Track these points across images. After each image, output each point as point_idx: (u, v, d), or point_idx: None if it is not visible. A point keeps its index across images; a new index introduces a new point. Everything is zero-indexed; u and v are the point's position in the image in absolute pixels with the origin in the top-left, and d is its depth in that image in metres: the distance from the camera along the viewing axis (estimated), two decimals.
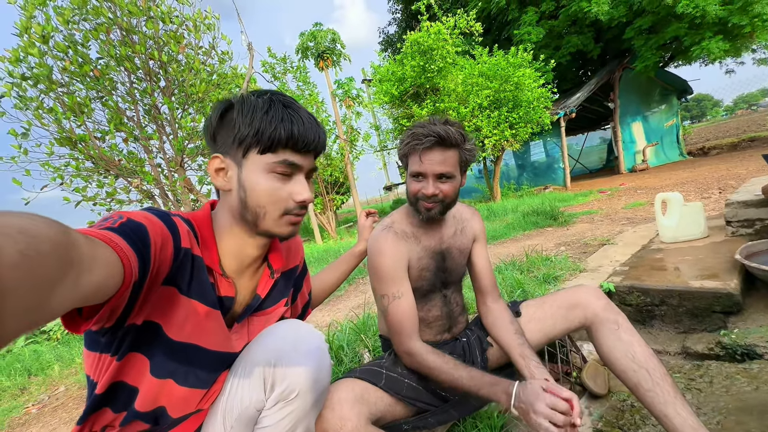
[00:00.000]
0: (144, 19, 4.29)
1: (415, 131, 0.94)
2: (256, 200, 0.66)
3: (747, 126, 16.83)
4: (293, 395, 0.66)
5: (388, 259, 0.96)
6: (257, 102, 0.66)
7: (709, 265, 1.69)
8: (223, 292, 0.69)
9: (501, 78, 7.28)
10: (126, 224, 0.52)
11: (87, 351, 0.64)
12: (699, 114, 70.21)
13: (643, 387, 0.83)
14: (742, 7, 6.87)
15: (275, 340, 0.68)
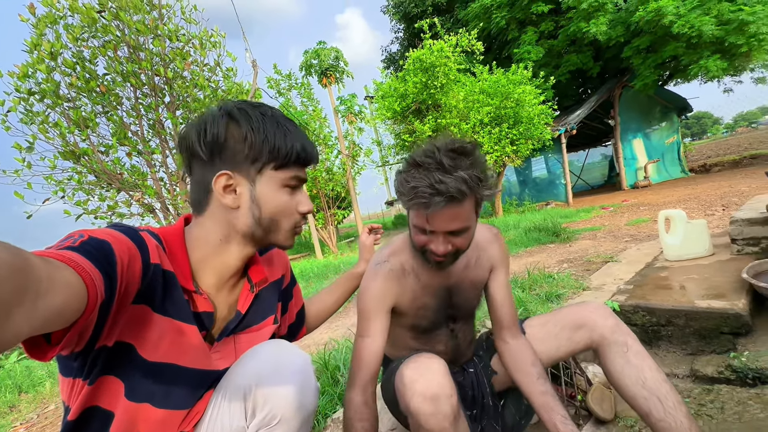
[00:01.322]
0: (151, 37, 4.40)
1: (418, 187, 0.74)
2: (270, 215, 0.67)
3: (748, 143, 16.89)
4: (275, 421, 0.63)
5: (368, 298, 0.90)
6: (263, 118, 0.66)
7: (715, 284, 1.65)
8: (200, 308, 0.67)
9: (501, 95, 7.37)
10: (87, 242, 0.49)
11: (61, 377, 0.62)
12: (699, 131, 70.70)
13: (654, 416, 0.78)
14: (738, 27, 6.99)
15: (256, 362, 0.66)
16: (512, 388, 1.05)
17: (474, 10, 10.51)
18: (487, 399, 1.01)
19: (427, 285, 0.93)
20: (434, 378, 0.75)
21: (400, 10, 13.80)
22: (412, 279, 0.92)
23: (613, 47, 9.00)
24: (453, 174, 0.74)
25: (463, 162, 0.75)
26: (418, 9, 13.13)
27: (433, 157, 0.76)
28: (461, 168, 0.74)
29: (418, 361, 0.78)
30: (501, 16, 9.93)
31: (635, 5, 7.92)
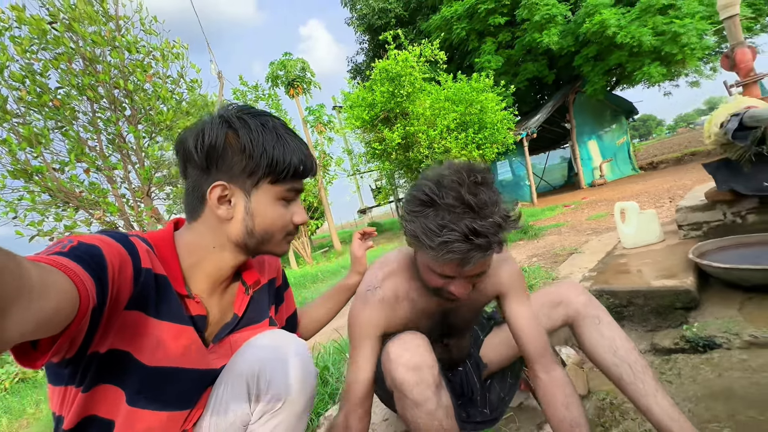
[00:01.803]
0: (109, 48, 4.24)
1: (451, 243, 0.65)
2: (264, 227, 0.67)
3: (688, 142, 18.45)
4: (279, 404, 0.64)
5: (357, 326, 0.87)
6: (263, 130, 0.65)
7: (667, 266, 1.81)
8: (193, 312, 0.67)
9: (466, 102, 7.67)
10: (77, 248, 0.49)
11: (51, 387, 0.61)
12: (646, 132, 76.35)
13: (625, 380, 0.85)
14: (671, 38, 7.71)
15: (257, 350, 0.67)
16: (501, 370, 1.11)
17: (435, 22, 10.91)
18: (476, 394, 1.05)
19: (422, 309, 0.89)
20: (417, 351, 0.80)
21: (364, 22, 14.05)
22: (406, 305, 0.88)
23: (565, 56, 9.63)
24: (487, 219, 0.65)
25: (487, 194, 0.67)
26: (382, 21, 13.44)
27: (458, 197, 0.66)
28: (490, 204, 0.67)
29: (402, 338, 0.83)
30: (461, 27, 10.37)
31: (582, 18, 8.55)
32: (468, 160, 0.76)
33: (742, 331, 1.33)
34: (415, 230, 0.70)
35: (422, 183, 0.72)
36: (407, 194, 0.76)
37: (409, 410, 0.80)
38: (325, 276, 4.77)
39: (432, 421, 0.79)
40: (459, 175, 0.69)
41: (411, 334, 0.84)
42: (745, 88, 2.03)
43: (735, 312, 1.46)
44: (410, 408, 0.79)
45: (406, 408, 0.80)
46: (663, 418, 0.79)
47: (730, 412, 1.01)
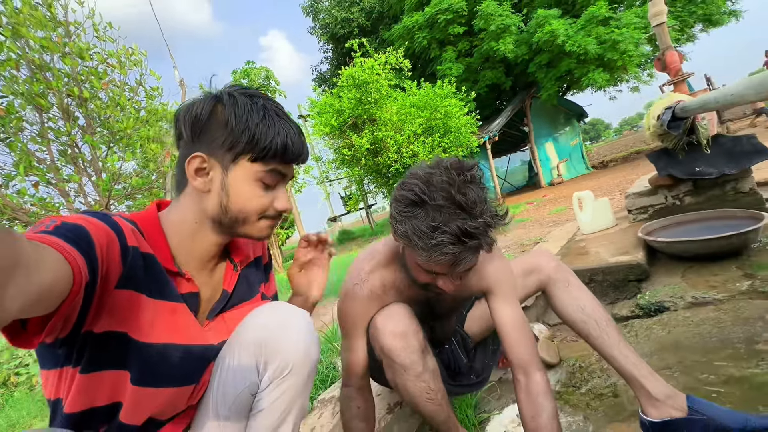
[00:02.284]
0: (59, 55, 4.01)
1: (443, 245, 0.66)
2: (239, 206, 0.65)
3: (632, 143, 20.00)
4: (287, 370, 0.65)
5: (348, 319, 0.92)
6: (251, 106, 0.63)
7: (620, 246, 2.00)
8: (183, 290, 0.67)
9: (431, 107, 7.93)
10: (61, 227, 0.48)
11: (45, 372, 0.60)
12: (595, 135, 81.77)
13: (592, 335, 0.94)
14: (612, 46, 8.42)
15: (261, 320, 0.67)
16: (484, 340, 1.18)
17: (397, 31, 11.21)
18: (463, 368, 1.11)
19: (408, 297, 0.91)
20: (401, 319, 0.86)
21: (327, 31, 14.15)
22: (392, 295, 0.90)
23: (521, 63, 10.21)
24: (478, 219, 0.66)
25: (476, 192, 0.68)
26: (345, 30, 13.61)
27: (448, 196, 0.66)
28: (479, 203, 0.67)
29: (388, 309, 0.88)
30: (422, 36, 10.72)
31: (534, 28, 9.13)
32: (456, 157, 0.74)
33: (685, 295, 1.50)
34: (406, 231, 0.69)
35: (411, 182, 0.70)
36: (396, 193, 0.73)
37: (398, 375, 0.86)
38: None
39: (419, 383, 0.86)
40: (449, 174, 0.68)
41: (395, 305, 0.89)
42: (675, 86, 2.30)
43: (679, 279, 1.65)
44: (399, 373, 0.85)
45: (396, 373, 0.86)
46: (625, 363, 0.89)
47: (679, 359, 1.15)
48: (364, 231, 13.41)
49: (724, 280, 1.52)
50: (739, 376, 1.00)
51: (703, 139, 1.99)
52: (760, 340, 1.11)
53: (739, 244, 1.63)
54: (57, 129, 4.24)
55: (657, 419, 0.83)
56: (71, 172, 4.34)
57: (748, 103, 1.12)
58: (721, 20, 10.07)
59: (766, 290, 1.35)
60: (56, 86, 3.85)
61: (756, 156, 1.93)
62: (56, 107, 4.10)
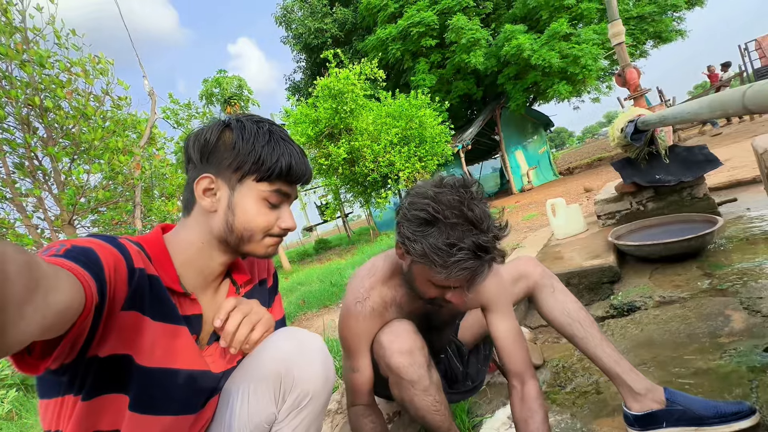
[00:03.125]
0: (17, 63, 3.79)
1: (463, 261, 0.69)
2: (244, 224, 0.67)
3: (594, 150, 21.17)
4: (306, 400, 0.66)
5: (351, 338, 0.92)
6: (258, 130, 0.67)
7: (593, 250, 2.13)
8: (187, 311, 0.67)
9: (406, 117, 8.08)
10: (72, 250, 0.50)
11: (44, 401, 0.58)
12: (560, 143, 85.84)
13: (577, 336, 1.00)
14: (573, 60, 8.96)
15: (279, 351, 0.68)
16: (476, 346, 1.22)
17: (371, 42, 11.39)
18: (459, 376, 1.14)
19: (408, 312, 0.94)
20: (408, 336, 0.88)
21: (300, 41, 14.14)
22: (393, 311, 0.92)
23: (490, 75, 10.63)
24: (489, 233, 0.70)
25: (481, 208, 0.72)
26: (318, 41, 13.65)
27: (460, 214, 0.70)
28: (485, 217, 0.71)
29: (391, 326, 0.90)
30: (396, 48, 10.95)
31: (502, 42, 9.56)
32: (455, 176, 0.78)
33: (653, 294, 1.62)
34: (423, 250, 0.71)
35: (421, 202, 0.73)
36: (407, 213, 0.75)
37: (406, 391, 0.88)
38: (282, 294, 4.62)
39: (427, 397, 0.88)
40: (457, 192, 0.72)
41: (398, 321, 0.91)
42: (635, 101, 2.48)
43: (647, 280, 1.77)
44: (406, 388, 0.87)
45: (403, 389, 0.88)
46: (608, 361, 0.96)
47: (653, 355, 1.24)
48: (341, 240, 13.33)
49: (687, 279, 1.65)
50: (706, 368, 1.09)
51: (662, 150, 2.16)
52: (721, 334, 1.21)
53: (698, 246, 1.78)
54: (13, 141, 3.99)
55: (639, 412, 0.90)
56: (30, 186, 4.09)
57: (701, 120, 1.25)
58: (670, 37, 10.94)
59: (723, 287, 1.48)
60: (14, 95, 3.63)
61: (708, 165, 2.12)
62: (13, 117, 3.87)
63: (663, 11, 10.30)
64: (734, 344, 1.14)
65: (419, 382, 0.87)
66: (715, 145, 5.84)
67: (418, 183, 0.81)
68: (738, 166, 3.62)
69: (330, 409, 1.18)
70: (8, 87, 3.68)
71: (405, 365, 0.86)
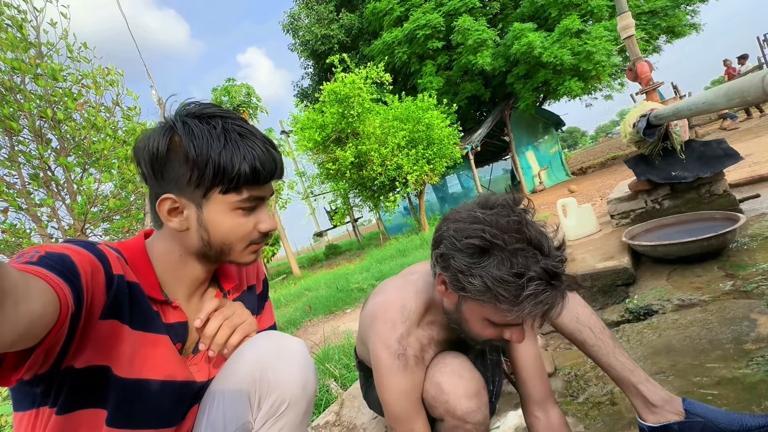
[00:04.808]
0: (31, 77, 3.90)
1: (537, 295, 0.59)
2: (222, 239, 0.63)
3: (609, 149, 20.72)
4: (284, 407, 0.62)
5: (400, 398, 0.77)
6: (210, 132, 0.58)
7: (606, 251, 2.04)
8: (171, 319, 0.64)
9: (413, 120, 8.04)
10: (46, 257, 0.47)
11: (19, 414, 0.56)
12: (573, 143, 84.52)
13: (588, 343, 0.93)
14: (586, 57, 8.78)
15: (255, 353, 0.64)
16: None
17: (377, 47, 11.41)
18: None
19: (444, 342, 0.86)
20: (471, 375, 0.79)
21: (307, 48, 14.29)
22: (432, 351, 0.84)
23: (498, 75, 10.51)
24: (555, 257, 0.61)
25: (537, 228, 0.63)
26: (325, 47, 13.76)
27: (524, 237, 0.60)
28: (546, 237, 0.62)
29: (446, 364, 0.79)
30: (402, 51, 10.94)
31: (510, 41, 9.45)
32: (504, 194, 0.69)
33: (671, 297, 1.53)
34: (485, 284, 0.60)
35: (470, 228, 0.63)
36: (451, 243, 0.65)
37: None
38: (288, 300, 4.62)
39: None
40: (514, 213, 0.63)
41: (450, 357, 0.81)
42: (647, 95, 2.39)
43: (664, 282, 1.68)
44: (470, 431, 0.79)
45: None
46: (622, 370, 0.88)
47: (672, 362, 1.16)
48: (351, 245, 13.32)
49: (708, 281, 1.56)
50: (730, 377, 1.01)
51: (677, 145, 2.06)
52: (747, 339, 1.13)
53: (718, 245, 1.67)
54: (28, 152, 4.10)
55: (656, 424, 0.83)
56: (44, 197, 4.19)
57: (718, 110, 1.17)
58: (684, 32, 10.66)
59: (748, 289, 1.39)
60: (28, 108, 3.73)
61: (727, 159, 2.01)
62: (27, 130, 3.97)
63: (676, 5, 10.04)
64: (762, 351, 1.05)
65: (483, 423, 0.80)
66: (734, 140, 5.63)
67: (458, 207, 0.69)
68: (761, 161, 3.46)
69: (328, 421, 1.14)
70: (22, 100, 3.78)
71: (473, 409, 0.77)
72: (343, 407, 1.18)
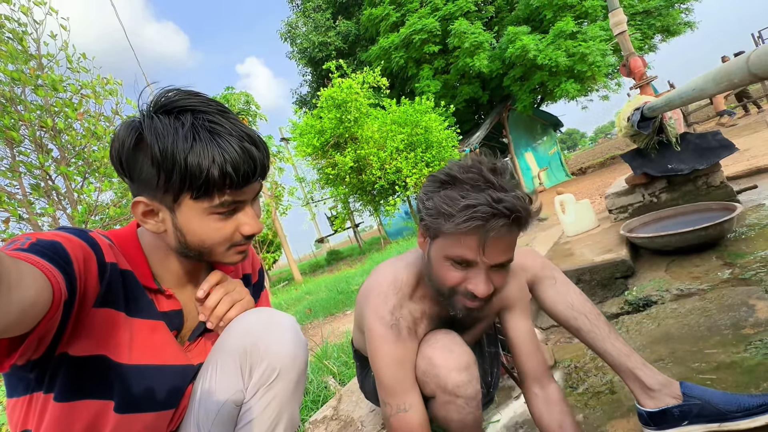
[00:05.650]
0: (31, 87, 3.95)
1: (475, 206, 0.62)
2: (199, 243, 0.60)
3: (608, 150, 20.75)
4: (274, 375, 0.62)
5: (392, 367, 0.77)
6: (176, 131, 0.53)
7: (604, 245, 2.03)
8: (165, 307, 0.64)
9: (411, 123, 8.08)
10: (37, 244, 0.47)
11: (12, 400, 0.56)
12: (572, 144, 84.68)
13: (583, 330, 0.92)
14: (580, 58, 8.84)
15: (246, 326, 0.64)
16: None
17: (374, 52, 11.50)
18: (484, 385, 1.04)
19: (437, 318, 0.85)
20: (462, 349, 0.78)
21: (305, 55, 14.42)
22: (424, 326, 0.83)
23: (496, 78, 10.57)
24: (510, 193, 0.64)
25: (509, 181, 0.66)
26: (322, 54, 13.89)
27: (479, 173, 0.66)
28: (511, 186, 0.66)
29: (437, 340, 0.79)
30: (399, 56, 11.03)
31: (506, 44, 9.52)
32: None
33: (670, 288, 1.52)
34: (434, 205, 0.67)
35: (443, 169, 0.71)
36: (423, 184, 0.73)
37: (458, 409, 0.78)
38: (289, 304, 4.61)
39: (477, 411, 0.81)
40: (480, 159, 0.69)
41: (441, 333, 0.82)
42: (641, 89, 2.40)
43: (663, 273, 1.67)
44: (461, 407, 0.78)
45: (458, 408, 0.78)
46: (618, 355, 0.88)
47: (671, 350, 1.15)
48: (352, 250, 13.31)
49: (706, 270, 1.55)
50: (729, 361, 1.00)
51: (672, 137, 2.07)
52: (746, 325, 1.12)
53: (716, 235, 1.67)
54: (29, 162, 4.13)
55: (654, 409, 0.82)
56: (45, 206, 4.21)
57: (709, 96, 1.17)
58: (679, 30, 10.72)
59: (746, 277, 1.38)
60: (28, 118, 3.77)
61: (722, 151, 2.01)
62: (28, 140, 4.01)
63: (670, 4, 10.11)
64: (760, 335, 1.05)
65: (475, 398, 0.79)
66: (732, 135, 5.63)
67: None
68: (758, 155, 3.46)
69: (325, 416, 1.13)
70: (23, 111, 3.82)
71: (464, 382, 0.76)
72: (341, 402, 1.17)
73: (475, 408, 0.80)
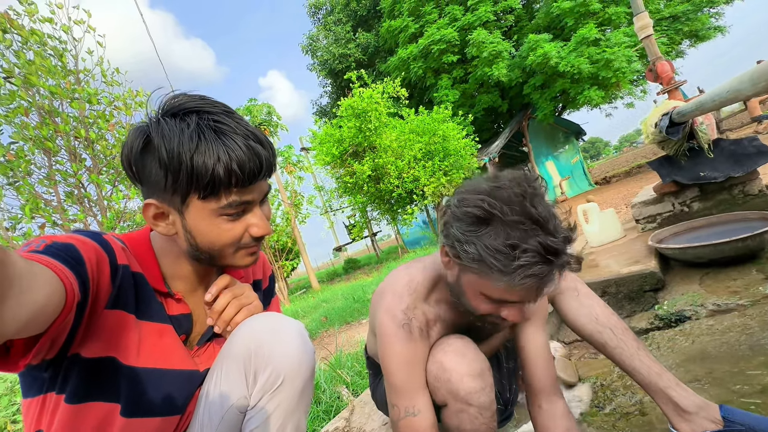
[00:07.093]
0: (68, 101, 4.19)
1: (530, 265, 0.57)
2: (209, 245, 0.60)
3: (633, 159, 20.07)
4: (279, 381, 0.61)
5: (403, 367, 0.75)
6: (182, 132, 0.54)
7: (631, 256, 1.93)
8: (174, 311, 0.64)
9: (429, 132, 8.08)
10: (52, 246, 0.48)
11: (27, 401, 0.57)
12: (596, 153, 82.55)
13: (610, 345, 0.87)
14: (605, 64, 8.64)
15: (251, 331, 0.63)
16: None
17: (393, 63, 11.64)
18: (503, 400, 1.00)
19: (451, 325, 0.83)
20: (475, 355, 0.75)
21: (325, 67, 14.75)
22: (438, 329, 0.81)
23: (515, 86, 10.47)
24: (558, 234, 0.59)
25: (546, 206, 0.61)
26: (342, 65, 14.17)
27: (522, 211, 0.59)
28: (552, 217, 0.60)
29: (450, 344, 0.77)
30: (418, 66, 11.11)
31: (526, 52, 9.43)
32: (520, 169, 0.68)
33: (705, 302, 1.42)
34: (478, 253, 0.60)
35: (474, 198, 0.62)
36: (452, 213, 0.65)
37: (471, 419, 0.75)
38: (305, 312, 4.63)
39: (492, 422, 0.77)
40: (520, 187, 0.61)
41: (454, 338, 0.79)
42: (669, 94, 2.30)
43: (697, 287, 1.57)
44: (474, 417, 0.75)
45: (470, 417, 0.75)
46: (648, 373, 0.82)
47: (707, 370, 1.06)
48: (369, 259, 13.31)
49: (745, 284, 1.44)
50: None
51: (705, 144, 1.96)
52: None
53: (755, 247, 1.56)
54: (64, 171, 4.35)
55: None
56: (77, 212, 4.41)
57: (744, 98, 1.10)
58: (708, 35, 10.35)
59: None
60: (64, 129, 3.98)
61: (760, 158, 1.90)
62: (64, 150, 4.23)
63: (698, 8, 9.80)
64: None
65: (489, 408, 0.75)
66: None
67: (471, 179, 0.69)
68: None
69: (337, 427, 1.10)
70: (60, 122, 4.04)
71: (477, 390, 0.73)
72: (353, 414, 1.14)
73: (489, 419, 0.76)
